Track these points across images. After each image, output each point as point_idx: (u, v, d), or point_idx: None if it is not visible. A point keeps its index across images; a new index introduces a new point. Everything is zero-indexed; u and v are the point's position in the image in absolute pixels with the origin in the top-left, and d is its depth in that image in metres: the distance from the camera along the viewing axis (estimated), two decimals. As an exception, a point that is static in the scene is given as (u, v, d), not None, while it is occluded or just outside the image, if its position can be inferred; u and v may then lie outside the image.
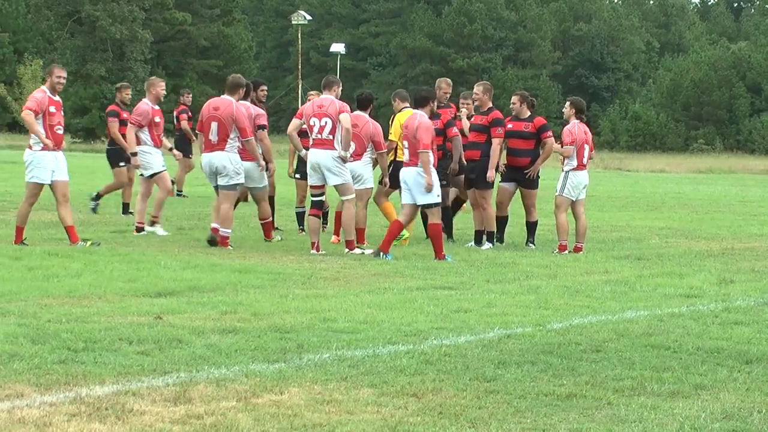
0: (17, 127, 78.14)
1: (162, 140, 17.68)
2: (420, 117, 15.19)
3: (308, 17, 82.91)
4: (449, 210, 17.45)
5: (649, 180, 49.44)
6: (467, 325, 9.83)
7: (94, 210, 20.73)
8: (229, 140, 15.77)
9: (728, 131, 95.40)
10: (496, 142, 16.57)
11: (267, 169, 16.52)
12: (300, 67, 73.55)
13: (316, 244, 15.29)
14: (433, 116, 17.14)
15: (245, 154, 16.14)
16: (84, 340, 8.55)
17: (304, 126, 15.83)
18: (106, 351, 8.26)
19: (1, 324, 9.09)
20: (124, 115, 20.17)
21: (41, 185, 15.02)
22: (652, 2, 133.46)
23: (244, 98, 16.77)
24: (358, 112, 16.33)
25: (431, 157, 14.95)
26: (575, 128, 16.20)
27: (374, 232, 17.24)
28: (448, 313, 10.43)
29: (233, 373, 7.72)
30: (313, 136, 15.40)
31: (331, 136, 15.30)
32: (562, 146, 16.28)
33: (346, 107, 15.51)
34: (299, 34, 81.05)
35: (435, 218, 15.16)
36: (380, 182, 17.00)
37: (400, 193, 16.74)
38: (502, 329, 9.64)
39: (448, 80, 18.09)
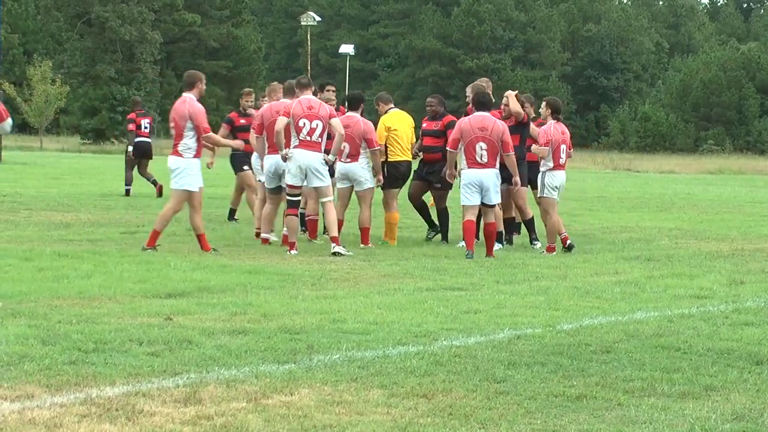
0: (27, 128, 78.18)
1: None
2: (499, 120, 15.60)
3: (317, 18, 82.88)
4: (447, 212, 17.40)
5: (658, 181, 49.39)
6: (477, 326, 9.82)
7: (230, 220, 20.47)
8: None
9: (738, 132, 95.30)
10: None
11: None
12: (309, 68, 73.48)
13: (294, 245, 15.25)
14: (437, 117, 17.16)
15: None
16: (94, 341, 8.56)
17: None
18: (116, 352, 8.27)
19: (12, 325, 9.10)
20: (242, 120, 19.47)
21: (189, 193, 14.86)
22: (661, 3, 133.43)
23: None
24: (349, 113, 16.33)
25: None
26: (551, 129, 16.21)
27: (375, 233, 17.23)
28: (458, 314, 10.43)
29: (243, 374, 7.72)
30: (301, 137, 15.13)
31: (320, 139, 15.17)
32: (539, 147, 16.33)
33: (333, 111, 15.51)
34: (308, 36, 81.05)
35: (491, 218, 15.57)
36: (382, 187, 16.94)
37: (387, 197, 16.78)
38: (512, 330, 9.63)
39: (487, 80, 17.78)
